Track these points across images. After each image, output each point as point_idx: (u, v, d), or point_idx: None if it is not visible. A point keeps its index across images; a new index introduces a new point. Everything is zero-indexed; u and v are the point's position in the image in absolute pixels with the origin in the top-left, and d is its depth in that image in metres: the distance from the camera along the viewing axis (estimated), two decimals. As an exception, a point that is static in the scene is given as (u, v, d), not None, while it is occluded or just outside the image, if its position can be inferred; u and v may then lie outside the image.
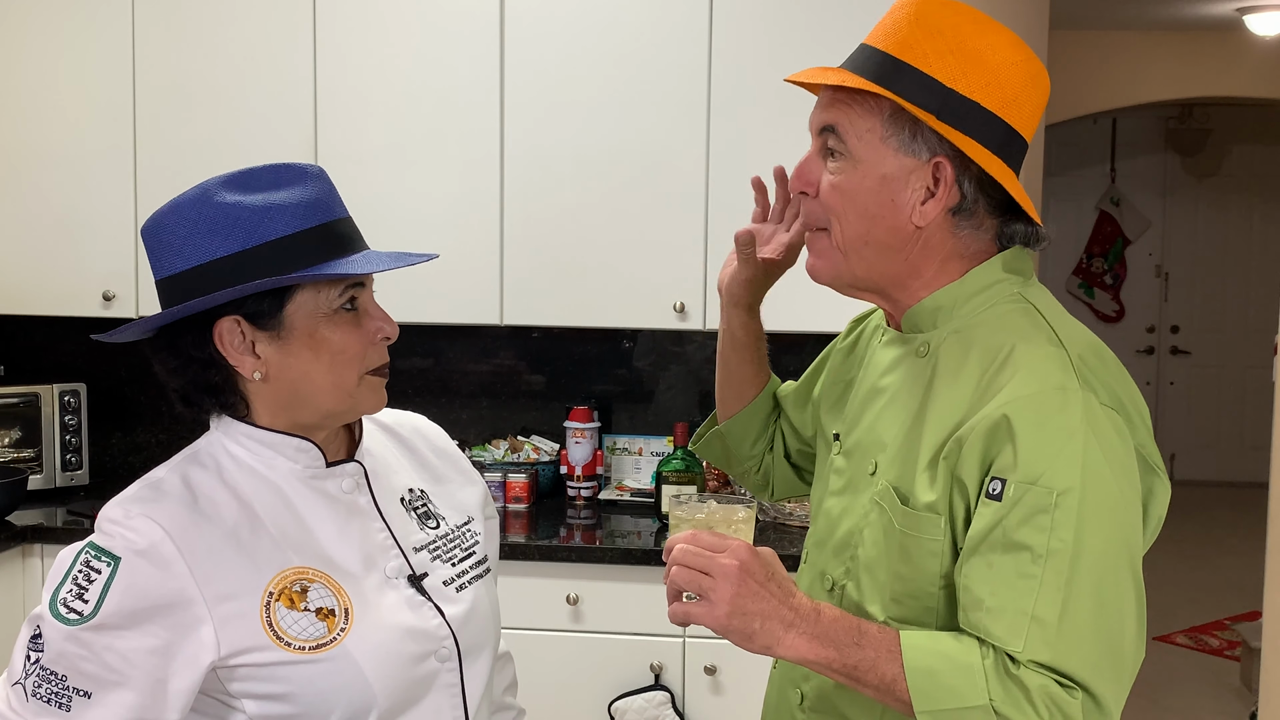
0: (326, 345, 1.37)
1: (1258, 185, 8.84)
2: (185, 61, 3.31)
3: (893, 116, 1.35)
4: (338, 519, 1.43)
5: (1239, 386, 8.93)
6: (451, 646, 1.45)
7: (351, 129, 3.27)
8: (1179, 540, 7.61)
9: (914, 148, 1.35)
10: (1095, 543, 1.26)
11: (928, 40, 1.35)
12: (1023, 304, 1.40)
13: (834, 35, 3.11)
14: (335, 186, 1.42)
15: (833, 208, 1.39)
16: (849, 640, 1.30)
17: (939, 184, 1.36)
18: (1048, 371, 1.30)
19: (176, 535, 1.33)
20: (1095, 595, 1.26)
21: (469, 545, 1.55)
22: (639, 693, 2.95)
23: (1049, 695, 1.25)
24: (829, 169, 1.39)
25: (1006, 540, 1.27)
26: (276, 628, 1.34)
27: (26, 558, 3.11)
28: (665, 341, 3.59)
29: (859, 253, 1.39)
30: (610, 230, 3.23)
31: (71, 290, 3.38)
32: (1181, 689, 5.08)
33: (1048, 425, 1.27)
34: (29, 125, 3.37)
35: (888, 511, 1.40)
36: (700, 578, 1.29)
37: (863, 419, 1.51)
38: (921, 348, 1.43)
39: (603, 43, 3.20)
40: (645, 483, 3.48)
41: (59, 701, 1.30)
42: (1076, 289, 9.10)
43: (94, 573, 1.32)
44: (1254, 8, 6.33)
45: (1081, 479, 1.26)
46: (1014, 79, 1.37)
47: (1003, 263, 1.41)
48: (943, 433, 1.35)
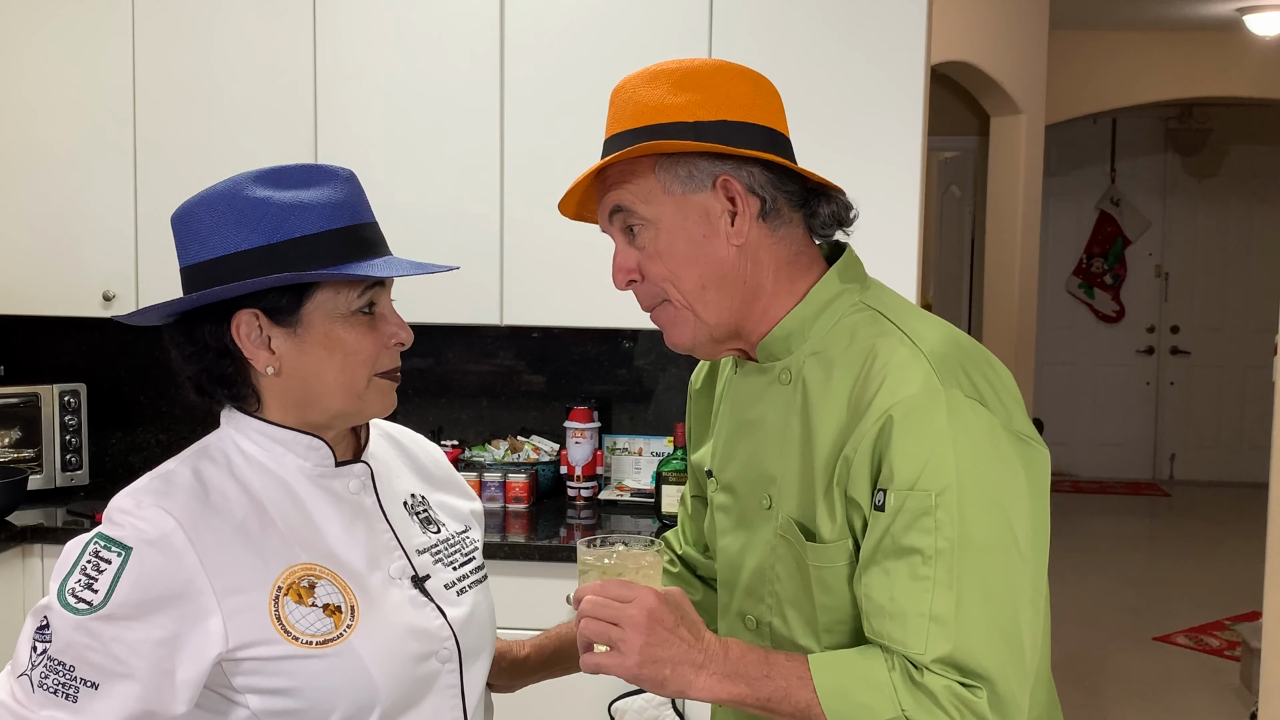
0: (340, 345, 1.38)
1: (1258, 185, 8.83)
2: (185, 61, 3.31)
3: (662, 167, 1.38)
4: (344, 518, 1.44)
5: (1239, 386, 8.93)
6: (453, 648, 1.46)
7: (351, 129, 3.27)
8: (1179, 540, 7.62)
9: (696, 182, 1.38)
10: (979, 535, 1.29)
11: (652, 98, 1.39)
12: (868, 311, 1.42)
13: (834, 35, 3.11)
14: (364, 191, 1.43)
15: (661, 275, 1.41)
16: (759, 673, 1.32)
17: (734, 200, 1.39)
18: (910, 375, 1.33)
19: (188, 526, 1.34)
20: (986, 587, 1.29)
21: (468, 551, 1.57)
22: (639, 693, 2.95)
23: (955, 695, 1.28)
24: (639, 245, 1.41)
25: (896, 546, 1.30)
26: (285, 622, 1.35)
27: (26, 558, 3.11)
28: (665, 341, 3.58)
29: (703, 301, 1.41)
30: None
31: (71, 290, 3.38)
32: (1181, 689, 5.08)
33: (917, 429, 1.30)
34: (29, 125, 3.37)
35: (795, 546, 1.42)
36: (609, 629, 1.31)
37: (737, 453, 1.52)
38: (784, 375, 1.44)
39: (603, 43, 3.20)
40: (645, 483, 3.48)
41: (66, 692, 1.29)
42: (1076, 289, 9.10)
43: (104, 563, 1.31)
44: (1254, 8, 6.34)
45: (957, 476, 1.29)
46: (740, 89, 1.41)
47: (838, 274, 1.44)
48: (830, 457, 1.37)
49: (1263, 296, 8.71)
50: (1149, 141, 8.95)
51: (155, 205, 3.34)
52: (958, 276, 7.42)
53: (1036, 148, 6.57)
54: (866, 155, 3.08)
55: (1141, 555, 7.31)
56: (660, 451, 3.52)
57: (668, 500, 3.16)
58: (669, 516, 3.16)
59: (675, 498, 3.15)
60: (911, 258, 3.12)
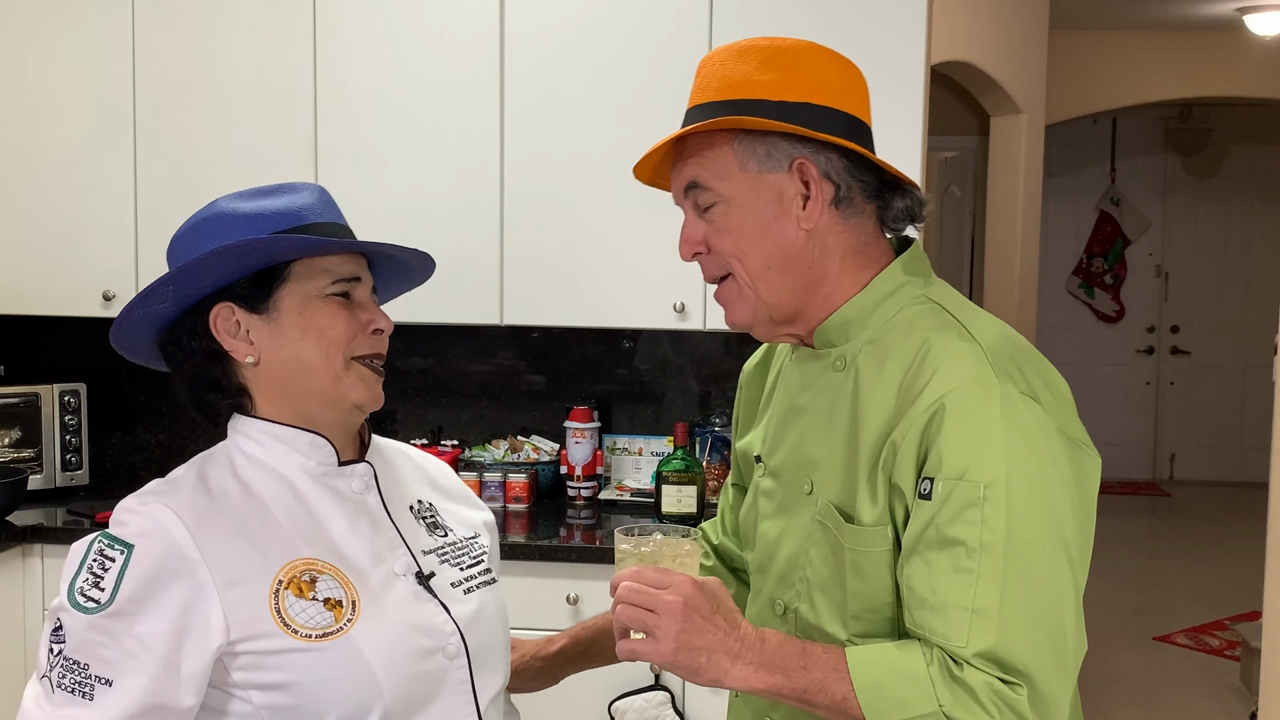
0: (314, 324, 1.42)
1: (1258, 185, 8.84)
2: (185, 61, 3.31)
3: (741, 143, 1.39)
4: (347, 516, 1.46)
5: (1239, 386, 8.93)
6: (458, 643, 1.46)
7: (351, 129, 3.27)
8: (1179, 540, 7.62)
9: (773, 162, 1.39)
10: (1026, 532, 1.28)
11: (739, 73, 1.40)
12: (929, 304, 1.42)
13: (834, 35, 3.11)
14: (334, 200, 1.51)
15: (728, 251, 1.42)
16: (796, 664, 1.31)
17: (809, 184, 1.39)
18: (964, 367, 1.32)
19: (189, 521, 1.37)
20: (1031, 583, 1.28)
21: (476, 554, 1.57)
22: (639, 693, 2.95)
23: (994, 692, 1.26)
24: (710, 219, 1.42)
25: (940, 537, 1.29)
26: (284, 615, 1.36)
27: (26, 558, 3.11)
28: (665, 341, 3.59)
29: (766, 281, 1.42)
30: (610, 230, 3.23)
31: (71, 290, 3.38)
32: (1181, 689, 5.08)
33: (969, 420, 1.29)
34: (29, 125, 3.37)
35: (833, 530, 1.41)
36: (645, 615, 1.30)
37: (785, 438, 1.52)
38: (838, 362, 1.44)
39: (603, 43, 3.20)
40: (645, 483, 3.48)
41: (82, 691, 1.32)
42: (1076, 289, 9.10)
43: (108, 561, 1.34)
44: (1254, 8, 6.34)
45: (1006, 470, 1.28)
46: (830, 74, 1.41)
47: (903, 267, 1.44)
48: (876, 442, 1.36)
49: (1263, 296, 8.71)
50: (1149, 141, 8.95)
51: (155, 205, 3.34)
52: (958, 276, 7.42)
53: (1036, 148, 6.57)
54: (866, 155, 3.08)
55: (1141, 555, 7.30)
56: (660, 451, 3.52)
57: (668, 500, 3.15)
58: (669, 517, 3.16)
59: (675, 498, 3.15)
60: (911, 258, 3.11)
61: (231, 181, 3.30)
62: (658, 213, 3.22)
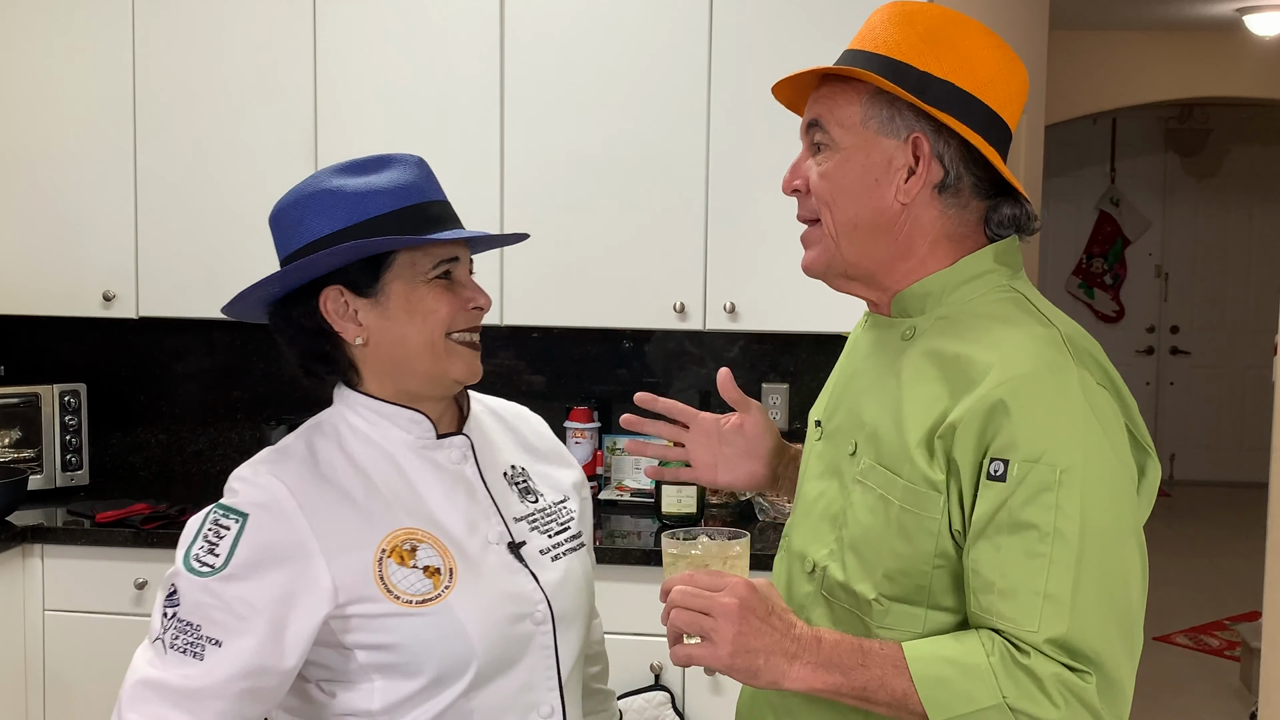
0: (420, 307, 1.49)
1: (1258, 185, 8.84)
2: (185, 62, 3.31)
3: (871, 100, 1.39)
4: (445, 486, 1.55)
5: (1239, 386, 8.93)
6: (545, 611, 1.55)
7: (351, 130, 3.27)
8: (1179, 540, 7.61)
9: (893, 128, 1.39)
10: (1101, 518, 1.27)
11: (899, 32, 1.39)
12: (1012, 294, 1.42)
13: (834, 35, 3.11)
14: (434, 173, 1.57)
15: (822, 197, 1.42)
16: (854, 662, 1.29)
17: (919, 160, 1.39)
18: (1041, 350, 1.32)
19: (298, 493, 1.45)
20: (1104, 570, 1.27)
21: (565, 520, 1.66)
22: (639, 693, 2.95)
23: (1062, 682, 1.25)
24: (816, 161, 1.43)
25: (1013, 520, 1.27)
26: (387, 582, 1.45)
27: (26, 558, 3.11)
28: (665, 341, 3.59)
29: (850, 237, 1.42)
30: (610, 230, 3.23)
31: (71, 290, 3.38)
32: (1181, 689, 5.08)
33: (1047, 403, 1.28)
34: (29, 125, 3.37)
35: (876, 489, 1.40)
36: (701, 619, 1.29)
37: (843, 403, 1.52)
38: (907, 331, 1.44)
39: (603, 43, 3.20)
40: (645, 483, 3.48)
41: (194, 651, 1.40)
42: (1076, 289, 9.10)
43: (223, 530, 1.43)
44: (1254, 8, 6.34)
45: (1084, 455, 1.26)
46: (988, 62, 1.40)
47: (994, 254, 1.43)
48: (934, 414, 1.35)
49: (1263, 296, 8.71)
50: (1149, 141, 8.95)
51: (155, 205, 3.34)
52: (958, 276, 7.42)
53: (1036, 148, 6.57)
54: (866, 155, 3.08)
55: (1141, 555, 7.30)
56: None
57: (668, 500, 3.15)
58: (669, 516, 3.16)
59: (675, 498, 3.15)
60: (911, 258, 3.11)
61: (231, 181, 3.33)
62: (658, 213, 3.23)
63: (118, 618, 3.10)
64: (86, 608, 3.12)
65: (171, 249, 3.34)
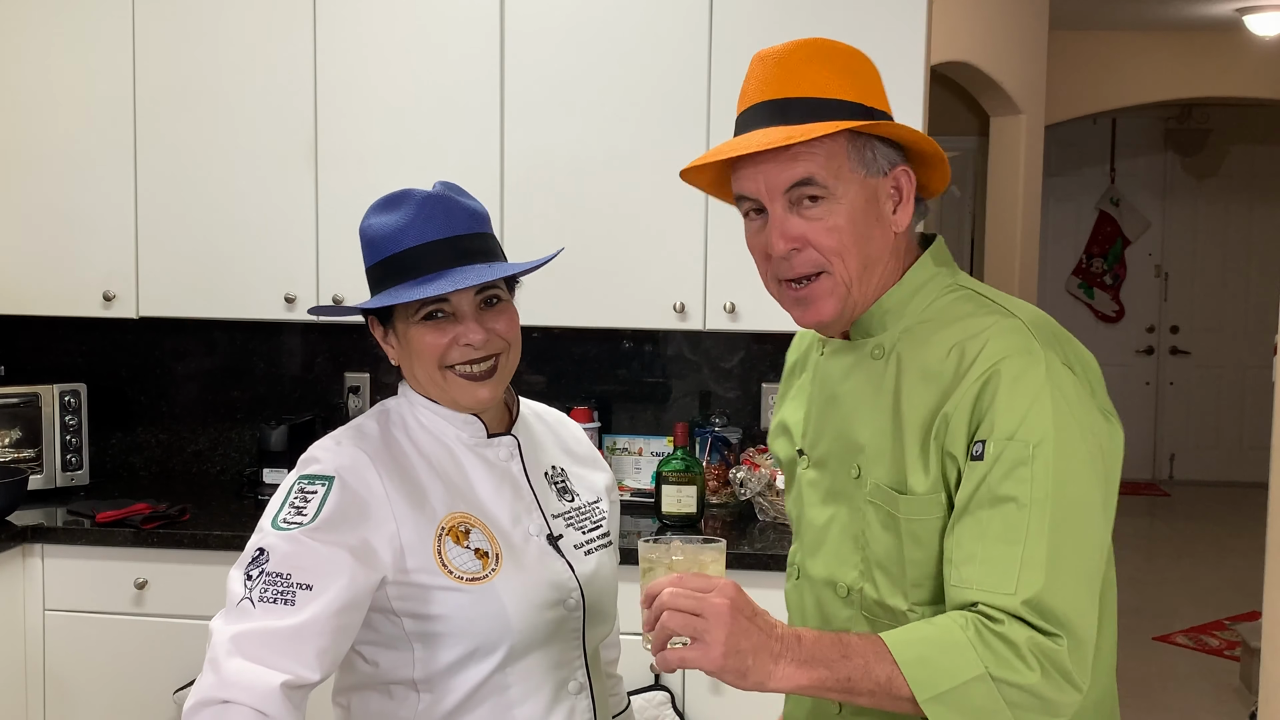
0: (413, 345, 1.65)
1: (1258, 185, 8.83)
2: (185, 61, 3.31)
3: (851, 145, 1.43)
4: (494, 481, 1.70)
5: (1239, 386, 8.93)
6: (578, 598, 1.69)
7: (351, 129, 3.27)
8: (1179, 540, 7.62)
9: (874, 166, 1.45)
10: (1071, 489, 1.35)
11: (828, 72, 1.44)
12: (963, 291, 1.50)
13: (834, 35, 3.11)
14: (438, 208, 1.62)
15: (833, 249, 1.44)
16: (836, 655, 1.31)
17: (901, 190, 1.47)
18: (1012, 339, 1.40)
19: (379, 463, 1.61)
20: (1075, 537, 1.34)
21: (597, 519, 1.81)
22: (639, 693, 2.95)
23: (1036, 646, 1.30)
24: (812, 216, 1.43)
25: (992, 495, 1.35)
26: (444, 557, 1.60)
27: (26, 558, 3.11)
28: (665, 341, 3.59)
29: (861, 279, 1.46)
30: (610, 230, 3.23)
31: (71, 290, 3.38)
32: (1181, 689, 5.08)
33: (1018, 385, 1.36)
34: (29, 125, 3.37)
35: (884, 507, 1.45)
36: (692, 620, 1.29)
37: (827, 428, 1.56)
38: (875, 350, 1.50)
39: (603, 43, 3.20)
40: (645, 483, 3.48)
41: (285, 599, 1.49)
42: (1076, 289, 9.10)
43: (310, 494, 1.56)
44: (1254, 8, 6.34)
45: (1054, 430, 1.34)
46: (877, 78, 1.49)
47: (932, 259, 1.51)
48: (928, 415, 1.42)
49: (1263, 296, 8.71)
50: (1149, 141, 8.95)
51: (155, 205, 3.34)
52: (958, 276, 7.41)
53: (1036, 148, 6.57)
54: (866, 155, 3.08)
55: (1141, 555, 7.31)
56: (660, 451, 3.52)
57: (668, 500, 3.16)
58: (669, 516, 3.16)
59: (675, 498, 3.15)
60: (911, 258, 3.11)
61: (231, 181, 3.33)
62: (658, 213, 3.23)
63: (118, 618, 3.10)
64: (86, 608, 3.12)
65: (171, 249, 3.34)
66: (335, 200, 3.27)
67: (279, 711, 1.44)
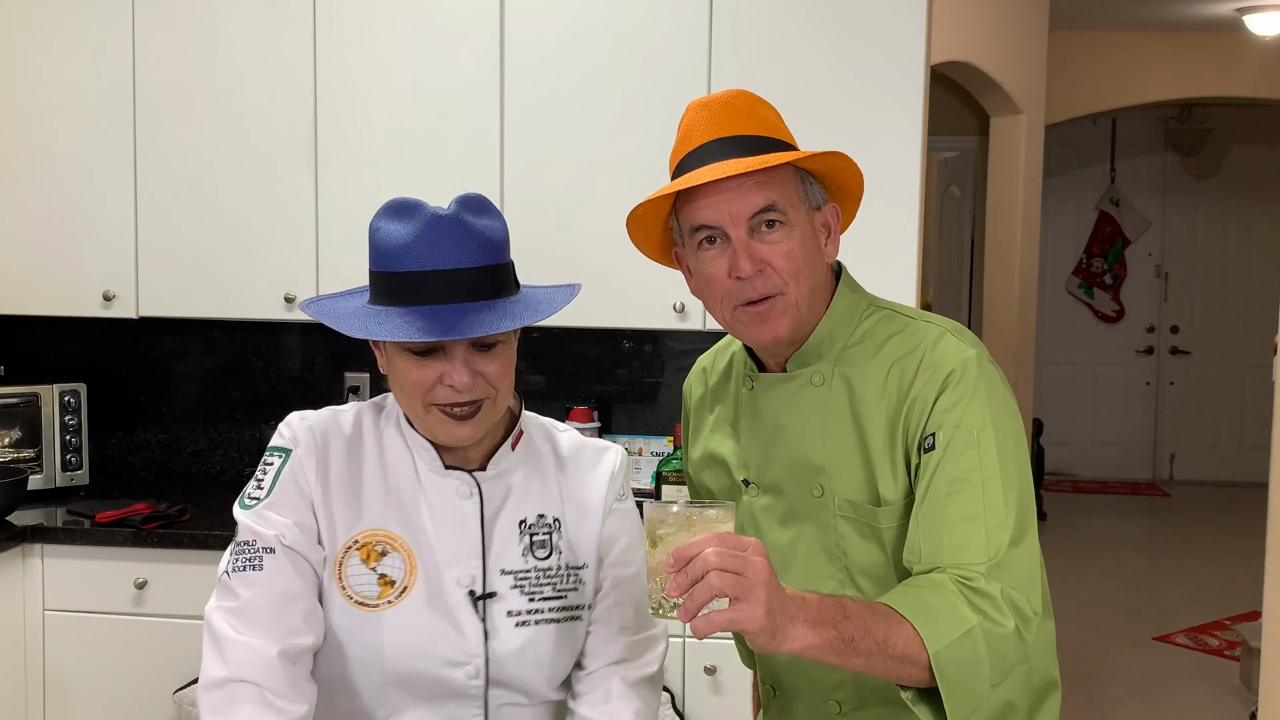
0: (395, 373, 1.55)
1: (1258, 185, 8.84)
2: (185, 61, 3.31)
3: (799, 179, 1.55)
4: (441, 513, 1.58)
5: (1239, 386, 8.93)
6: (480, 667, 1.55)
7: (351, 129, 3.27)
8: (1179, 540, 7.62)
9: (812, 200, 1.57)
10: (1011, 463, 1.50)
11: (768, 116, 1.58)
12: (883, 311, 1.62)
13: (834, 35, 3.11)
14: (448, 233, 1.54)
15: (790, 271, 1.53)
16: (838, 615, 1.35)
17: (829, 225, 1.59)
18: (945, 346, 1.54)
19: (321, 457, 1.57)
20: (1022, 504, 1.50)
21: (563, 588, 1.61)
22: (639, 693, 2.95)
23: (1008, 598, 1.43)
24: (771, 241, 1.52)
25: (946, 479, 1.48)
26: (343, 570, 1.55)
27: (26, 558, 3.11)
28: (665, 341, 3.59)
29: (809, 302, 1.56)
30: (610, 230, 3.22)
31: (71, 290, 3.38)
32: (1181, 689, 5.08)
33: (958, 383, 1.51)
34: (29, 125, 3.37)
35: (861, 520, 1.56)
36: (738, 580, 1.25)
37: (776, 456, 1.62)
38: (815, 377, 1.59)
39: (603, 43, 3.20)
40: (645, 483, 3.48)
41: (252, 564, 1.52)
42: (1076, 289, 9.10)
43: (268, 466, 1.58)
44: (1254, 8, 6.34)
45: (991, 417, 1.50)
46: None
47: (847, 286, 1.62)
48: (887, 428, 1.54)
49: (1263, 296, 8.72)
50: (1149, 141, 8.95)
51: (155, 205, 3.34)
52: (958, 277, 7.42)
53: (1036, 148, 6.57)
54: (866, 155, 3.05)
55: (1141, 555, 7.31)
56: (660, 451, 3.52)
57: (667, 500, 3.15)
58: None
59: (675, 498, 3.15)
60: (911, 258, 3.12)
61: (231, 181, 3.33)
62: (658, 213, 3.23)
63: (118, 617, 3.10)
64: (86, 608, 3.12)
65: (171, 249, 3.34)
66: (335, 200, 3.27)
67: (278, 684, 1.46)
